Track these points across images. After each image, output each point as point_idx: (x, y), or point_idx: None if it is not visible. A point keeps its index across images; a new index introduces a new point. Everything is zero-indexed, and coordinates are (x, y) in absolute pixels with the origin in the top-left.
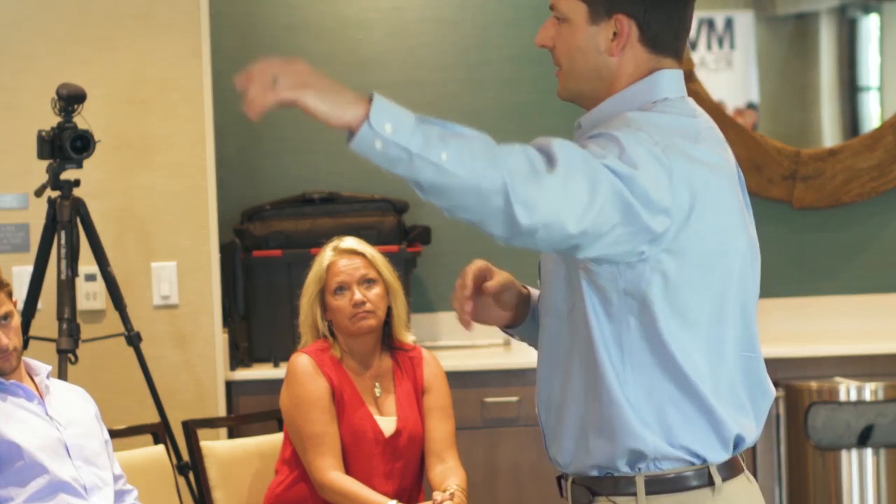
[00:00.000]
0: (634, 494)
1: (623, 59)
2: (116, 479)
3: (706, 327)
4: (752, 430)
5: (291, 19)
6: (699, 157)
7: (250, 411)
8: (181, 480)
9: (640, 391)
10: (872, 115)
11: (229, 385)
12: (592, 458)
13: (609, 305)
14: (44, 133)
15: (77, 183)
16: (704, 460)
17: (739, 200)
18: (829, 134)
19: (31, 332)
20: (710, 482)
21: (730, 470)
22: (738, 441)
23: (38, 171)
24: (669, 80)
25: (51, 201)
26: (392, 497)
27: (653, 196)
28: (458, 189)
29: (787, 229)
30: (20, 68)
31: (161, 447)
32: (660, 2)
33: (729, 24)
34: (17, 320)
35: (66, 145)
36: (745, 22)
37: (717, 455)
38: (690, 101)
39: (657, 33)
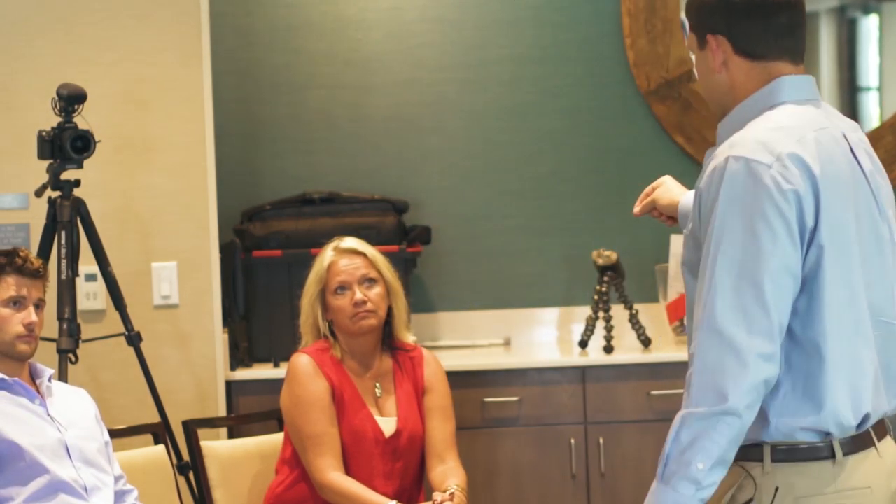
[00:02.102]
0: (761, 461)
1: (730, 72)
2: (117, 479)
3: (839, 309)
4: (882, 405)
5: (291, 19)
6: (805, 156)
7: (250, 411)
8: (181, 480)
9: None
10: (872, 116)
11: (229, 385)
12: None
13: None
14: (44, 133)
15: (77, 183)
16: (828, 434)
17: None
18: None
19: None
20: (832, 455)
21: (854, 444)
22: (865, 418)
23: (39, 171)
24: (790, 85)
25: (51, 201)
26: (392, 497)
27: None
28: (729, 443)
29: None
30: (20, 68)
31: (161, 447)
32: (739, 14)
33: None
34: (43, 315)
35: (66, 145)
36: None
37: (842, 430)
38: (815, 102)
39: (749, 43)
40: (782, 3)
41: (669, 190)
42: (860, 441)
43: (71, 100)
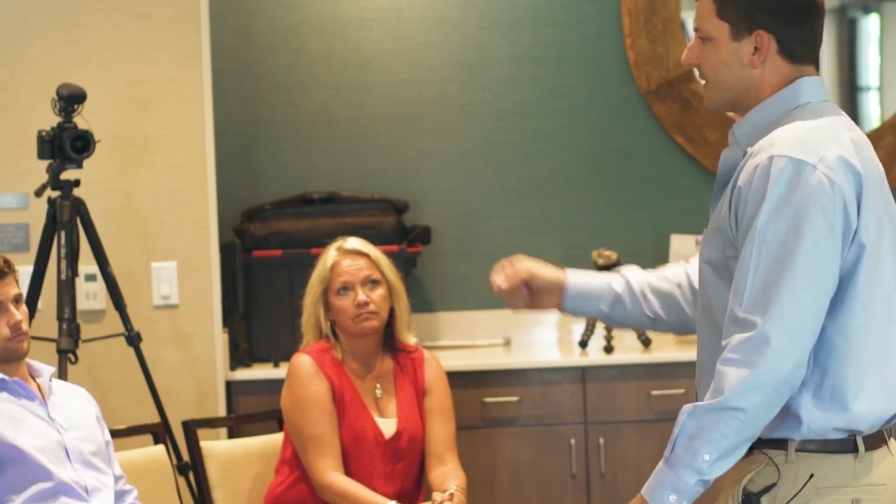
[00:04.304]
0: (785, 449)
1: (765, 70)
2: (117, 479)
3: (877, 307)
4: None
5: (291, 19)
6: (847, 155)
7: (250, 411)
8: (181, 480)
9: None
10: (872, 115)
11: (229, 385)
12: None
13: None
14: (44, 133)
15: (77, 183)
16: (852, 431)
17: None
18: None
19: (32, 333)
20: (855, 449)
21: (874, 441)
22: (893, 416)
23: (38, 171)
24: (810, 86)
25: (51, 201)
26: (392, 498)
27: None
28: (739, 441)
29: None
30: (20, 68)
31: (161, 447)
32: (796, 17)
33: None
34: (25, 308)
35: (66, 145)
36: None
37: (870, 428)
38: (832, 104)
39: (795, 46)
40: (824, 9)
41: (544, 265)
42: (878, 438)
43: (71, 100)
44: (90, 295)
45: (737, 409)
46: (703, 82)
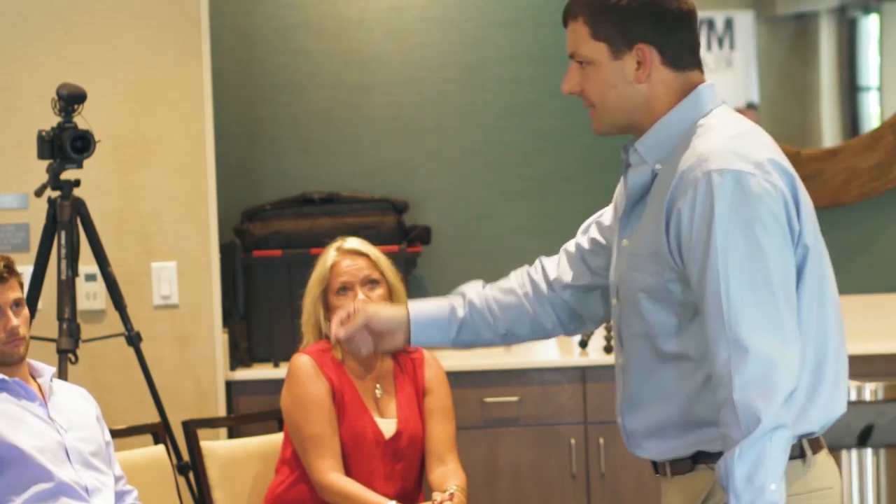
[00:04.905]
0: None
1: (652, 83)
2: (117, 479)
3: (828, 308)
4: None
5: (291, 19)
6: (778, 158)
7: (250, 411)
8: (181, 480)
9: None
10: (872, 116)
11: (229, 385)
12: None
13: None
14: (44, 133)
15: (77, 183)
16: (804, 435)
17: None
18: (829, 134)
19: (32, 333)
20: (802, 454)
21: (816, 444)
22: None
23: (38, 171)
24: (709, 93)
25: (51, 201)
26: (392, 498)
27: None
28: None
29: None
30: (20, 68)
31: (161, 447)
32: (674, 24)
33: (729, 24)
34: (27, 311)
35: (66, 145)
36: (745, 22)
37: (817, 429)
38: (727, 106)
39: (677, 53)
40: (696, 13)
41: (384, 306)
42: (819, 440)
43: (71, 100)
44: (90, 295)
45: (778, 428)
46: (589, 107)
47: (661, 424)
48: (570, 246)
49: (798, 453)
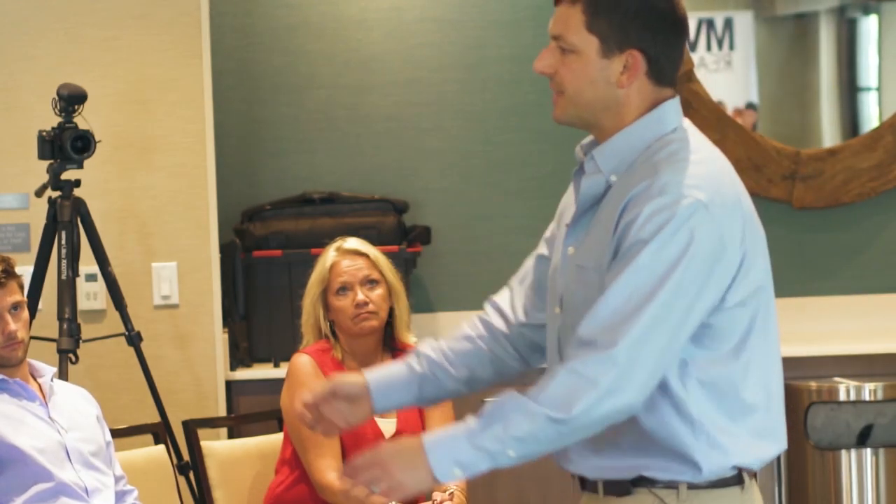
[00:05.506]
0: (676, 488)
1: (630, 91)
2: (117, 480)
3: (771, 341)
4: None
5: (291, 19)
6: (739, 195)
7: (250, 411)
8: (181, 480)
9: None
10: (872, 116)
11: (229, 385)
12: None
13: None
14: (44, 133)
15: (77, 183)
16: (743, 468)
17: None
18: (829, 134)
19: (32, 333)
20: (741, 481)
21: (751, 472)
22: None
23: (39, 171)
24: (674, 110)
25: (51, 201)
26: None
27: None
28: (546, 449)
29: (786, 229)
30: (20, 68)
31: (161, 447)
32: (668, 38)
33: (728, 24)
34: (26, 314)
35: (66, 145)
36: (744, 22)
37: (757, 465)
38: (689, 123)
39: (663, 68)
40: (689, 32)
41: (342, 375)
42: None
43: (71, 100)
44: (91, 295)
45: (561, 422)
46: (555, 92)
47: (600, 440)
48: (519, 280)
49: (736, 482)
